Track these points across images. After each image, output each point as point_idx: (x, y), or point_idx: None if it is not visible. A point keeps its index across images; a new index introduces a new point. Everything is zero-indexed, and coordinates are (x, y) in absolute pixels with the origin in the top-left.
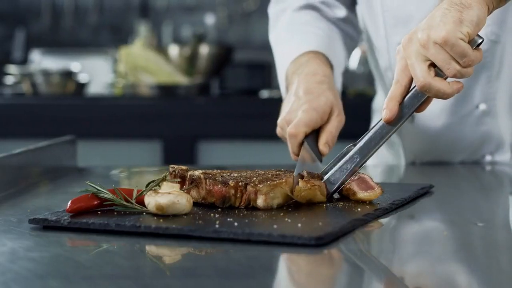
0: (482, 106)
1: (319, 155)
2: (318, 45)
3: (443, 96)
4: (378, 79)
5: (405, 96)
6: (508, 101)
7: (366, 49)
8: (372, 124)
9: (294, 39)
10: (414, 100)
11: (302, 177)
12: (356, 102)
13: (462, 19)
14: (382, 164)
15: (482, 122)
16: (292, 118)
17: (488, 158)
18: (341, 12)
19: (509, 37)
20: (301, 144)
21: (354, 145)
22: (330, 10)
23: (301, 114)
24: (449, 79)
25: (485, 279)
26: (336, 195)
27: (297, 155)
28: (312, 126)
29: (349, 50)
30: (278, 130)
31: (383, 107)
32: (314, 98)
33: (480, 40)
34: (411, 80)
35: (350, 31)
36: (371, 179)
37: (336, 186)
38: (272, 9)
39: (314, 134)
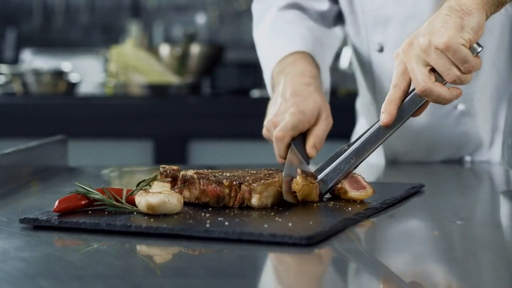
0: (461, 107)
1: (307, 158)
2: (303, 45)
3: (442, 101)
4: (360, 79)
5: (403, 100)
6: (487, 101)
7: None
8: (358, 125)
9: (279, 38)
10: (412, 105)
11: (291, 179)
12: (347, 101)
13: (463, 25)
14: (363, 163)
15: (461, 122)
16: (279, 120)
17: (467, 158)
18: (323, 5)
19: (487, 38)
20: (288, 147)
21: (349, 146)
22: (313, 3)
23: (288, 117)
24: (447, 85)
25: (465, 276)
26: (327, 195)
27: (284, 158)
28: (299, 129)
29: (335, 47)
30: (265, 132)
31: (381, 111)
32: (302, 100)
33: (479, 49)
34: (409, 84)
35: (335, 27)
36: (363, 179)
37: (330, 186)
38: (256, 6)
39: (301, 137)
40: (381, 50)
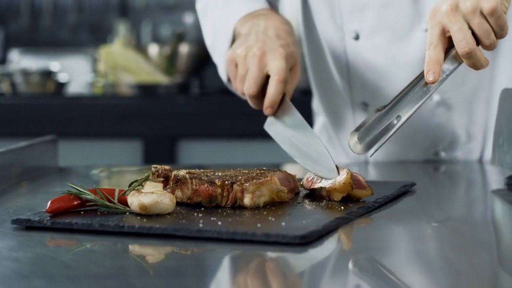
0: (436, 97)
1: None
2: (268, 6)
3: (478, 67)
4: (321, 75)
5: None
6: (463, 95)
7: (305, 51)
8: (316, 124)
9: (238, 2)
10: (450, 66)
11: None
12: None
13: None
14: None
15: (436, 114)
16: (269, 55)
17: (442, 154)
18: None
19: None
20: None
21: (387, 107)
22: None
23: (281, 61)
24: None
25: (460, 275)
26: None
27: (275, 106)
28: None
29: None
30: (232, 60)
31: (426, 70)
32: (286, 45)
33: None
34: (447, 45)
35: None
36: (364, 179)
37: (380, 145)
38: None
39: None
40: (356, 38)
